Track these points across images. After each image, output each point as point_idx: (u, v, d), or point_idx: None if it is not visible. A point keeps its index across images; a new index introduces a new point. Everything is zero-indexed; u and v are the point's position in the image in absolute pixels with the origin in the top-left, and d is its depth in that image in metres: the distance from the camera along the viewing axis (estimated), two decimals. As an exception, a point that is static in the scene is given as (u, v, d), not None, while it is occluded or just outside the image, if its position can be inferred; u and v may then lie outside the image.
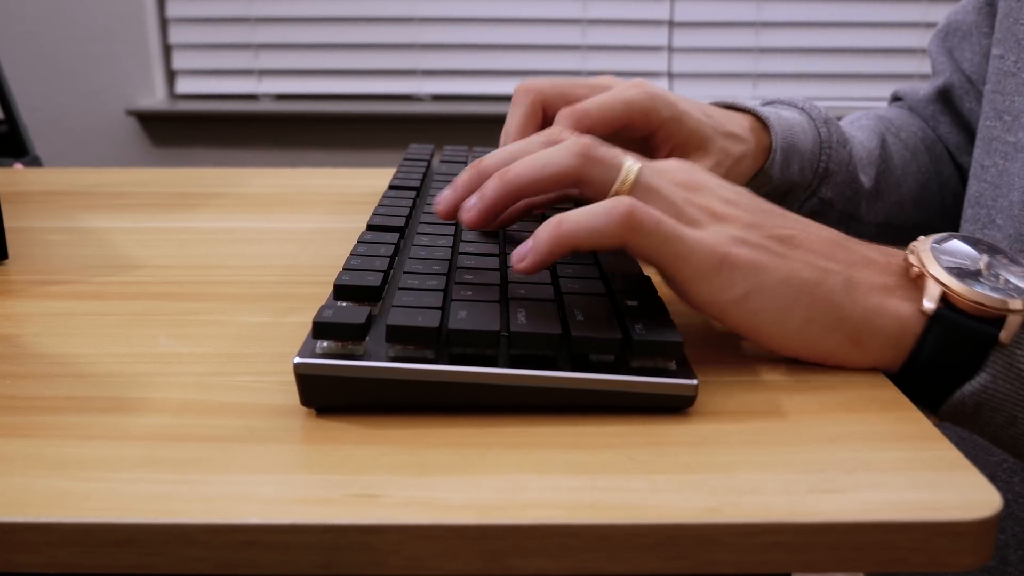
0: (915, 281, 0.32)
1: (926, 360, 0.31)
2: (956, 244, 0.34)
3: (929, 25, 1.78)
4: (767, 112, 0.49)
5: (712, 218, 0.32)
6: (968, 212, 0.53)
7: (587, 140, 0.32)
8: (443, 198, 0.35)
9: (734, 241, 0.31)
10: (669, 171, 0.34)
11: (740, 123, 0.47)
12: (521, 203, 0.36)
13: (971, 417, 0.32)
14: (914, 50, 1.80)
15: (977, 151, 0.52)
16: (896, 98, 0.67)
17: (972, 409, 0.32)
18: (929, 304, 0.31)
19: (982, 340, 0.31)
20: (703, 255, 0.31)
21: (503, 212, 0.33)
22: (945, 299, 0.31)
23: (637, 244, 0.30)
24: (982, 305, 0.31)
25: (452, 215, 0.35)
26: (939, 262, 0.32)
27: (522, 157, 0.33)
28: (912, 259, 0.33)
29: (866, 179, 0.54)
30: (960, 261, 0.33)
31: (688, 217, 0.32)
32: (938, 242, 0.34)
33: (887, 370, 0.32)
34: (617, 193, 0.31)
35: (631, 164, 0.32)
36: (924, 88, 0.63)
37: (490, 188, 0.32)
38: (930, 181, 0.60)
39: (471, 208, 0.33)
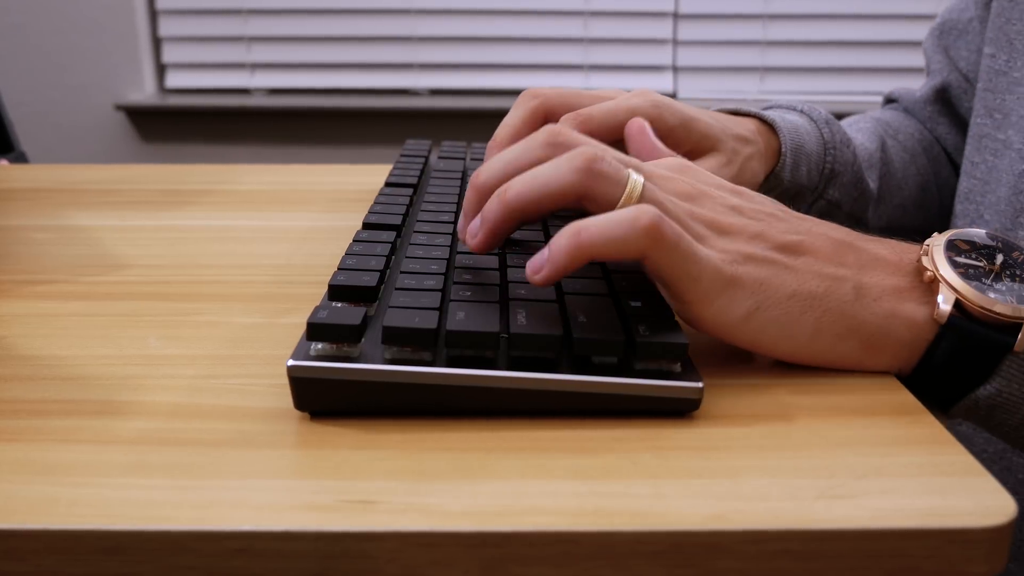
0: (929, 285, 0.32)
1: (938, 365, 0.31)
2: (971, 239, 0.33)
3: (939, 18, 1.78)
4: (772, 115, 0.49)
5: (716, 232, 0.32)
6: (958, 208, 0.53)
7: (590, 151, 0.31)
8: (460, 229, 0.34)
9: (739, 258, 0.31)
10: (671, 180, 0.33)
11: (747, 126, 0.47)
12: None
13: (984, 418, 0.32)
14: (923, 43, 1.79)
15: (968, 148, 0.53)
16: (890, 99, 0.67)
17: (985, 411, 0.32)
18: (942, 312, 0.31)
19: (996, 348, 0.31)
20: (712, 276, 0.30)
21: (510, 232, 0.32)
22: (959, 305, 0.31)
23: (657, 258, 0.29)
24: (996, 313, 0.31)
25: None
26: (952, 265, 0.32)
27: (520, 164, 0.32)
28: (926, 261, 0.32)
29: (870, 181, 0.54)
30: (974, 261, 0.32)
31: (693, 233, 0.31)
32: (952, 240, 0.33)
33: (898, 373, 0.32)
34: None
35: (636, 179, 0.31)
36: (920, 89, 0.63)
37: (491, 212, 0.31)
38: (929, 183, 0.60)
39: (475, 234, 0.32)
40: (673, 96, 1.81)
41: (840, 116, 0.57)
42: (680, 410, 0.29)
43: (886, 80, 1.82)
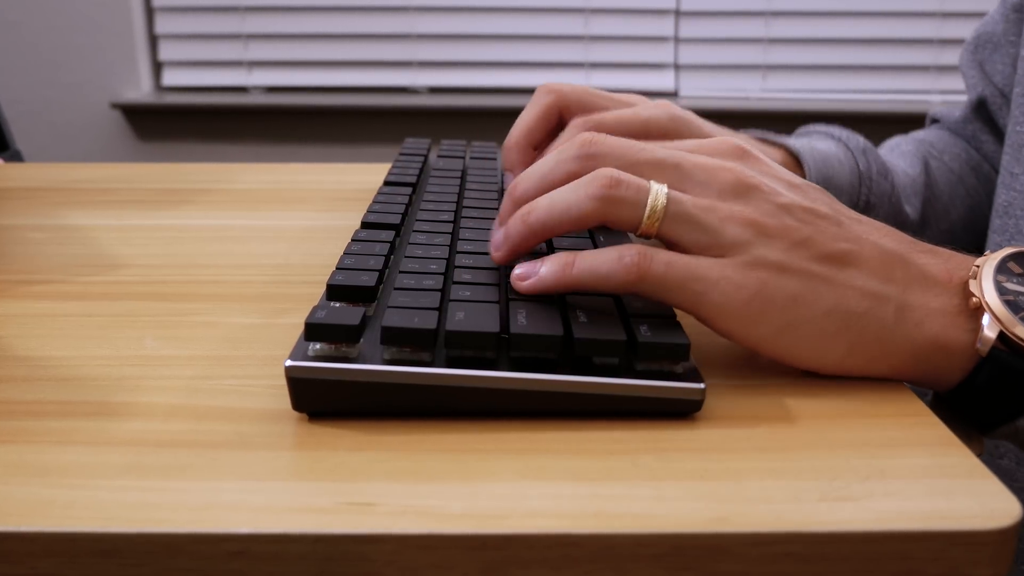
0: (974, 312, 0.31)
1: (975, 393, 0.31)
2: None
3: (945, 15, 1.77)
4: (799, 146, 0.47)
5: (757, 233, 0.30)
6: (996, 223, 0.51)
7: (607, 177, 0.30)
8: (494, 233, 0.34)
9: (773, 269, 0.30)
10: (714, 173, 0.31)
11: (772, 155, 0.46)
12: None
13: (1022, 444, 0.32)
14: (929, 40, 1.78)
15: (1006, 158, 0.51)
16: (933, 120, 0.65)
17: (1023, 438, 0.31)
18: (984, 344, 0.30)
19: None
20: (727, 291, 0.29)
21: (534, 248, 0.33)
22: (1003, 337, 0.30)
23: (648, 291, 0.30)
24: None
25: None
26: (1000, 293, 0.30)
27: (553, 178, 0.32)
28: (973, 286, 0.31)
29: (911, 210, 0.52)
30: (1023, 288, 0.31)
31: (727, 240, 0.30)
32: (1006, 261, 0.31)
33: (934, 390, 0.32)
34: (646, 229, 0.30)
35: (656, 196, 0.30)
36: (959, 108, 0.62)
37: (514, 231, 0.32)
38: (980, 203, 0.58)
39: (499, 247, 0.32)
40: (675, 94, 1.80)
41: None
42: (682, 411, 0.28)
43: (889, 78, 1.81)
